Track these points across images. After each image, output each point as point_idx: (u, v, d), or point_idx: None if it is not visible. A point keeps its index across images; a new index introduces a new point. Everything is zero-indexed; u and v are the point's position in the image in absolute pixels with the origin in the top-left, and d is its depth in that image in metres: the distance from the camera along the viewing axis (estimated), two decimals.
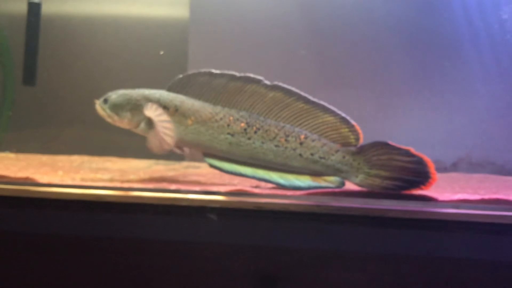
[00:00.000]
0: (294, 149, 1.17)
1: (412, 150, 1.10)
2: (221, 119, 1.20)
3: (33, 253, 1.07)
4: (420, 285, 1.00)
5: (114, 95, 1.26)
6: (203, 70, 1.23)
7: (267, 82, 1.19)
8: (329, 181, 1.16)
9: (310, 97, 1.18)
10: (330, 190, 1.15)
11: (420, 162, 1.09)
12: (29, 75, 1.68)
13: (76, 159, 1.64)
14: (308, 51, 1.83)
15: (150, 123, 1.22)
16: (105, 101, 1.26)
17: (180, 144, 1.26)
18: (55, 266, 1.06)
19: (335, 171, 1.16)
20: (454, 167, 1.76)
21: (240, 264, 1.03)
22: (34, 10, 1.69)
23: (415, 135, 1.79)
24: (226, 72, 1.21)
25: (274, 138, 1.18)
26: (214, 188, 1.14)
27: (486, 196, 1.09)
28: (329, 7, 1.81)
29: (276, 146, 1.18)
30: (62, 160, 1.60)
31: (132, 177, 1.31)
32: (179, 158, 1.58)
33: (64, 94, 1.28)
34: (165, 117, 1.20)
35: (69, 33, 1.89)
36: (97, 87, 1.31)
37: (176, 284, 1.05)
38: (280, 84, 1.19)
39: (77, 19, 1.90)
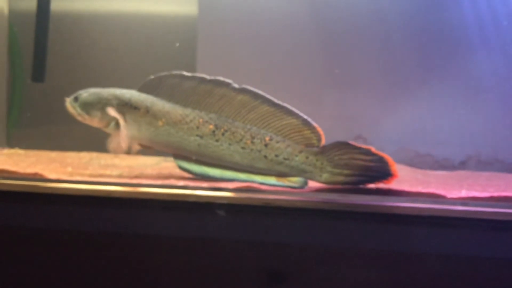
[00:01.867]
0: (260, 151, 1.19)
1: (373, 149, 1.12)
2: (191, 121, 1.22)
3: (42, 248, 1.07)
4: (429, 282, 1.00)
5: (85, 94, 1.26)
6: (174, 72, 1.24)
7: (236, 85, 1.21)
8: (293, 182, 1.18)
9: (275, 100, 1.20)
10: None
11: (381, 160, 1.11)
12: (38, 72, 1.69)
13: (85, 155, 1.64)
14: (318, 50, 1.83)
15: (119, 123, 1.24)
16: (76, 99, 1.27)
17: (150, 144, 1.27)
18: (64, 262, 1.07)
19: (300, 172, 1.18)
20: (462, 165, 1.76)
21: (247, 260, 1.03)
22: (43, 6, 1.70)
23: (423, 133, 1.78)
24: (196, 74, 1.22)
25: (241, 140, 1.20)
26: (222, 185, 1.14)
27: (495, 194, 1.09)
28: (340, 5, 1.81)
29: (242, 148, 1.20)
30: (71, 156, 1.61)
31: (140, 173, 1.31)
32: None
33: (73, 91, 1.28)
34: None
35: (78, 29, 1.90)
36: (106, 83, 1.31)
37: (184, 280, 1.05)
38: (248, 87, 1.21)
39: (86, 16, 1.91)
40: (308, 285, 1.02)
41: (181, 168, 1.23)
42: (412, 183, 1.31)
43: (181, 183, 1.16)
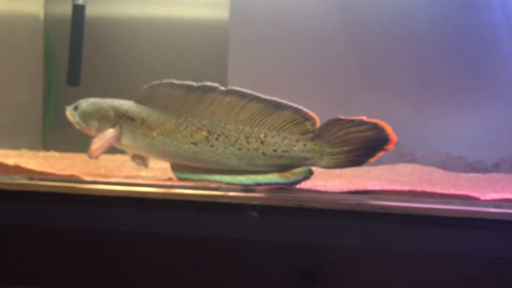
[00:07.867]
0: (257, 149, 1.19)
1: (365, 118, 1.12)
2: (184, 129, 1.22)
3: (76, 248, 1.09)
4: (461, 284, 1.00)
5: (85, 103, 1.30)
6: (165, 81, 1.25)
7: (223, 88, 1.21)
8: (297, 173, 1.18)
9: (262, 96, 1.20)
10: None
11: (376, 127, 1.11)
12: (74, 76, 1.72)
13: (119, 158, 1.66)
14: (349, 53, 1.83)
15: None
16: (76, 108, 1.30)
17: (147, 155, 1.29)
18: (99, 261, 1.08)
19: (301, 161, 1.17)
20: (495, 167, 1.74)
21: (280, 261, 1.04)
22: (78, 12, 1.73)
23: (456, 136, 1.77)
24: (184, 82, 1.23)
25: (236, 142, 1.20)
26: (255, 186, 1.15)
27: None
28: (370, 7, 1.81)
29: (239, 149, 1.20)
30: (106, 159, 1.63)
31: (173, 175, 1.33)
32: None
33: (107, 95, 1.31)
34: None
35: (112, 34, 1.93)
36: (139, 87, 1.33)
37: (217, 280, 1.06)
38: (234, 88, 1.21)
39: (120, 21, 1.93)
40: (341, 286, 1.02)
41: (180, 179, 1.23)
42: (445, 185, 1.30)
43: (214, 184, 1.17)
